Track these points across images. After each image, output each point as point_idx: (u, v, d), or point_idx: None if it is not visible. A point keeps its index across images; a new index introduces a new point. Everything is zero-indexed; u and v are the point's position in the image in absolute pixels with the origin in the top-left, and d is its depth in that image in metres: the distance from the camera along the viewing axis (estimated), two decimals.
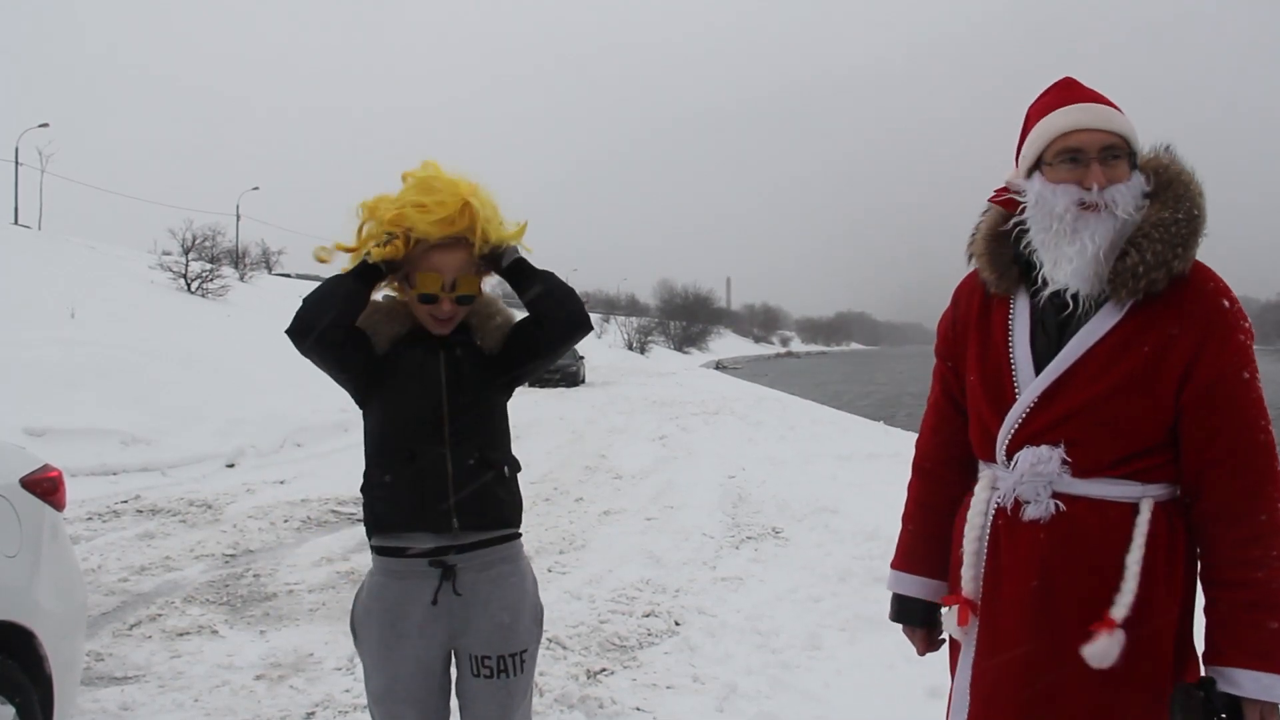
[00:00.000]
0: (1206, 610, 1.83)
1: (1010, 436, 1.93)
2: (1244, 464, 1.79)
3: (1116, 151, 1.86)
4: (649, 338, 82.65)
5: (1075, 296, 1.87)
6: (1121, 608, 1.77)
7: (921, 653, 2.25)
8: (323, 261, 2.39)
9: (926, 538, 2.18)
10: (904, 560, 2.25)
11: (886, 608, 2.30)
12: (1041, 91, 1.99)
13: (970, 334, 2.07)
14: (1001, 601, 1.95)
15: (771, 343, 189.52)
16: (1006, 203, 2.00)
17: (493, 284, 2.50)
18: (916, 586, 2.21)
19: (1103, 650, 1.76)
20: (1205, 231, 1.86)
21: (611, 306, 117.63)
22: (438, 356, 2.34)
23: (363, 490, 2.37)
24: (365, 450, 2.39)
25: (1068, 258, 1.85)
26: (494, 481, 2.34)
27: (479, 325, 2.40)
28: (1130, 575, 1.78)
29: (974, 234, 2.07)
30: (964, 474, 2.13)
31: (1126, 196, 1.84)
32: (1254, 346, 1.85)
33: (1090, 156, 1.85)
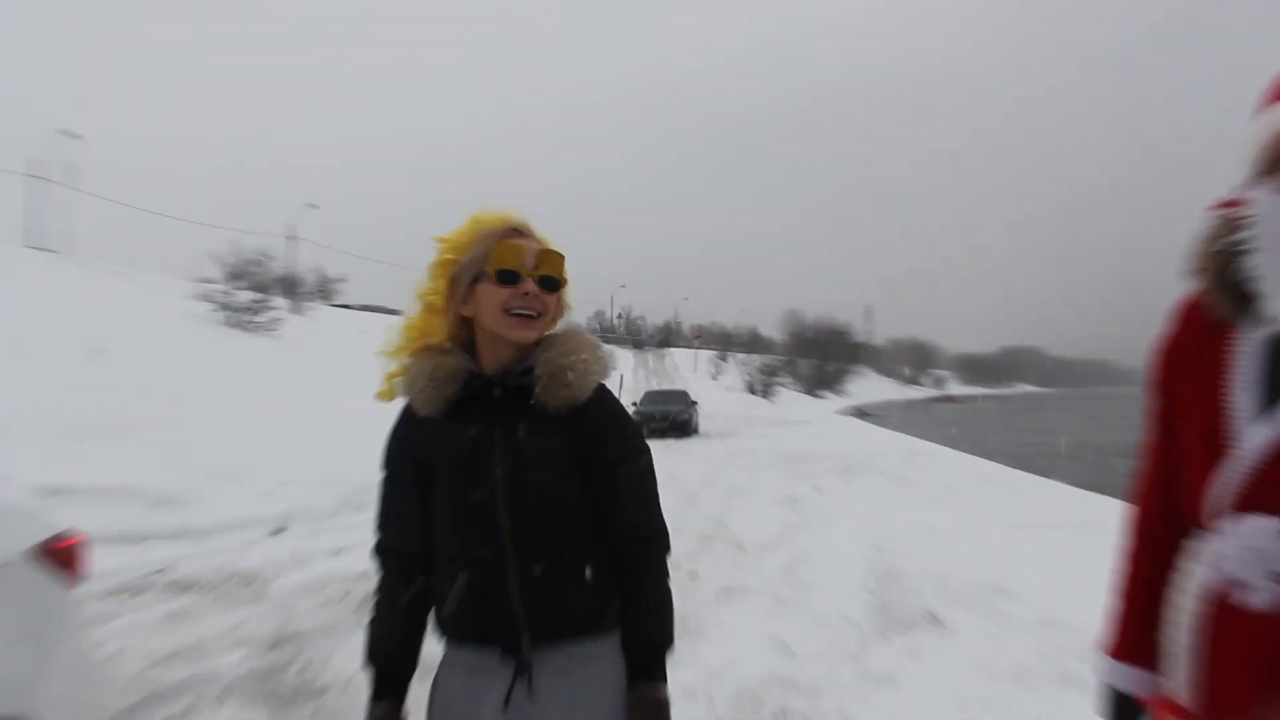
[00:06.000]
0: None
1: (1224, 499, 1.81)
2: None
3: None
4: (774, 379, 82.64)
5: None
6: None
7: None
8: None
9: (1150, 620, 2.03)
10: (1119, 646, 2.11)
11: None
12: None
13: (1188, 366, 1.94)
14: (1220, 713, 1.82)
15: (922, 384, 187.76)
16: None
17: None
18: (1134, 680, 2.07)
19: None
20: None
21: (729, 342, 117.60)
22: (492, 438, 2.25)
23: (430, 580, 2.35)
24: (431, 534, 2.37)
25: None
26: (572, 590, 2.24)
27: (551, 370, 2.25)
28: None
29: (1198, 246, 1.92)
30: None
31: None
32: None
33: None
